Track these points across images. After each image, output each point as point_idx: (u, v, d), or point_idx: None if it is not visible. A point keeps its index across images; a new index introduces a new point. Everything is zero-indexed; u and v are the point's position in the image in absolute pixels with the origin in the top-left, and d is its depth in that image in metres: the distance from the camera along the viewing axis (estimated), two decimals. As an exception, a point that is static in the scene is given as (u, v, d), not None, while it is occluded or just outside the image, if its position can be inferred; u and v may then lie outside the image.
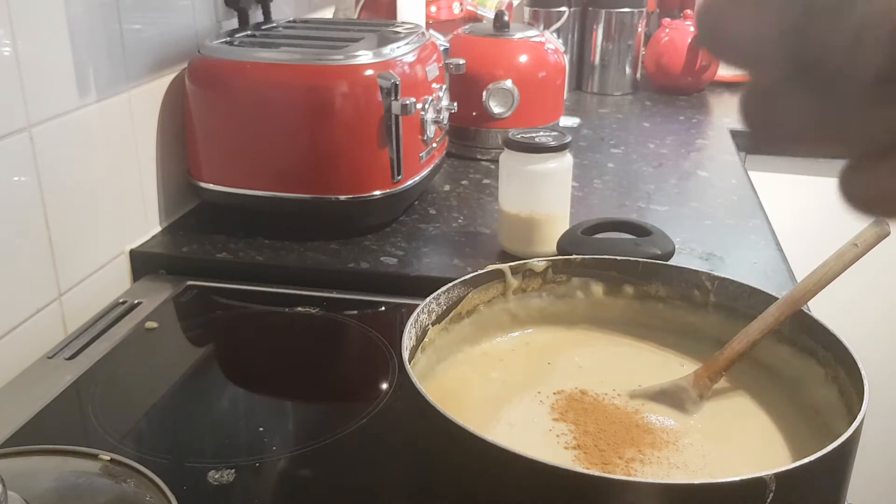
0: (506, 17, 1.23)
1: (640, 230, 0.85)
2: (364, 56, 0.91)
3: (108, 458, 0.49)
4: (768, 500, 0.40)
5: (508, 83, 1.18)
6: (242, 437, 0.64)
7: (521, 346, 0.63)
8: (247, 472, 0.59)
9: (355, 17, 1.48)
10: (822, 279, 0.55)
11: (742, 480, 0.40)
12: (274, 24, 1.10)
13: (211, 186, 0.95)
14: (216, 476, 0.58)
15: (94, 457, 0.49)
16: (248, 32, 1.03)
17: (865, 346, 0.58)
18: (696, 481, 0.41)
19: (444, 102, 1.05)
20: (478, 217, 1.02)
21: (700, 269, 0.62)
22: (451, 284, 0.60)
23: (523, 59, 1.21)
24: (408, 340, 0.53)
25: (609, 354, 0.62)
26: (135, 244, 0.91)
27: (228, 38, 0.99)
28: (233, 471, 0.58)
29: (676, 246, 0.84)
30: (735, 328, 0.57)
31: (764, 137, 0.26)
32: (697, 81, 1.66)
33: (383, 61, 0.91)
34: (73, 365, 0.72)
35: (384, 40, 0.97)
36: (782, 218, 1.15)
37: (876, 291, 1.45)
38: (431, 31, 1.15)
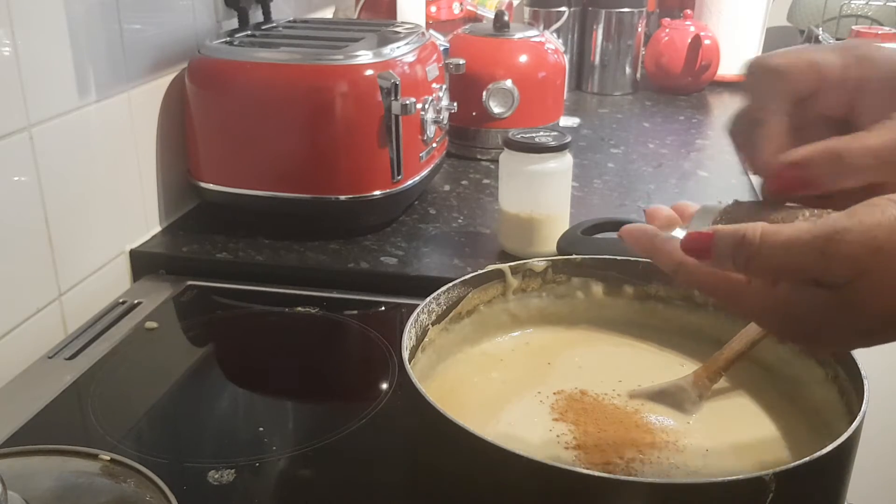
0: (506, 17, 1.23)
1: (640, 230, 0.85)
2: (364, 56, 0.91)
3: (108, 458, 0.49)
4: (768, 500, 0.40)
5: (508, 83, 1.18)
6: (242, 437, 0.64)
7: (521, 346, 0.63)
8: (247, 472, 0.59)
9: (355, 17, 1.48)
10: (821, 279, 0.54)
11: (742, 480, 0.40)
12: (274, 24, 1.10)
13: (211, 186, 0.95)
14: (216, 476, 0.58)
15: (94, 457, 0.49)
16: (248, 32, 1.03)
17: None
18: (696, 481, 0.41)
19: (444, 102, 1.05)
20: (478, 217, 1.02)
21: (700, 269, 0.62)
22: (451, 284, 0.60)
23: (523, 59, 1.21)
24: (408, 340, 0.53)
25: (609, 354, 0.62)
26: (135, 244, 0.91)
27: (228, 38, 0.99)
28: (233, 471, 0.58)
29: (676, 246, 0.83)
30: (735, 328, 0.57)
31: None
32: (697, 81, 1.66)
33: (383, 61, 0.91)
34: (73, 365, 0.72)
35: (384, 40, 0.97)
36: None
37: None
38: (431, 31, 1.15)
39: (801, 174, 0.38)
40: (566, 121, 1.41)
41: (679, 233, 0.42)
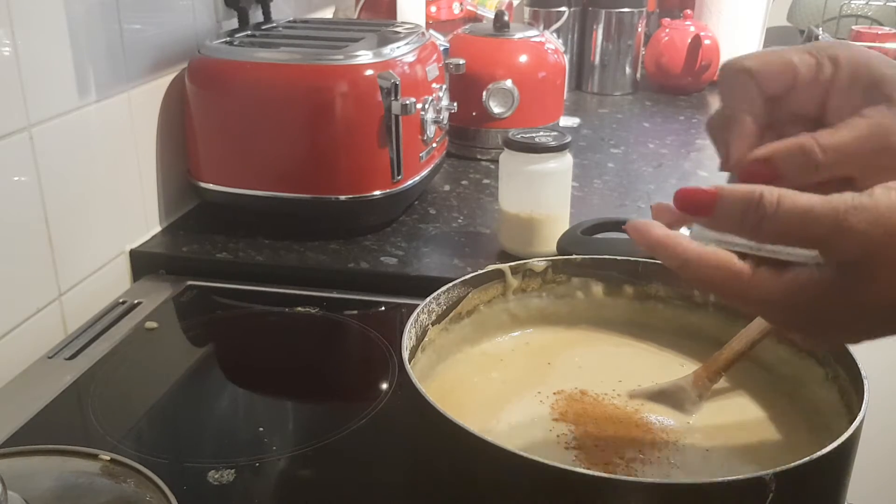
0: (506, 17, 1.23)
1: (640, 230, 0.85)
2: (364, 56, 0.91)
3: (108, 458, 0.49)
4: (768, 500, 0.40)
5: (508, 83, 1.18)
6: (242, 437, 0.64)
7: (521, 346, 0.63)
8: (247, 472, 0.59)
9: (355, 17, 1.48)
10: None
11: (742, 480, 0.40)
12: (274, 24, 1.10)
13: (211, 186, 0.95)
14: (216, 476, 0.58)
15: (94, 457, 0.49)
16: (248, 32, 1.03)
17: (865, 346, 0.58)
18: (696, 481, 0.41)
19: (444, 102, 1.05)
20: (478, 217, 1.02)
21: (700, 269, 0.62)
22: (451, 284, 0.59)
23: (523, 59, 1.21)
24: (408, 340, 0.53)
25: (609, 354, 0.62)
26: (135, 244, 0.91)
27: (228, 38, 0.99)
28: (233, 471, 0.58)
29: (676, 246, 0.83)
30: (735, 328, 0.57)
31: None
32: (697, 81, 1.66)
33: (383, 61, 0.91)
34: (73, 365, 0.72)
35: (384, 40, 0.97)
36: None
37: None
38: (431, 31, 1.15)
39: (767, 170, 0.39)
40: (566, 121, 1.41)
41: (685, 231, 0.42)
